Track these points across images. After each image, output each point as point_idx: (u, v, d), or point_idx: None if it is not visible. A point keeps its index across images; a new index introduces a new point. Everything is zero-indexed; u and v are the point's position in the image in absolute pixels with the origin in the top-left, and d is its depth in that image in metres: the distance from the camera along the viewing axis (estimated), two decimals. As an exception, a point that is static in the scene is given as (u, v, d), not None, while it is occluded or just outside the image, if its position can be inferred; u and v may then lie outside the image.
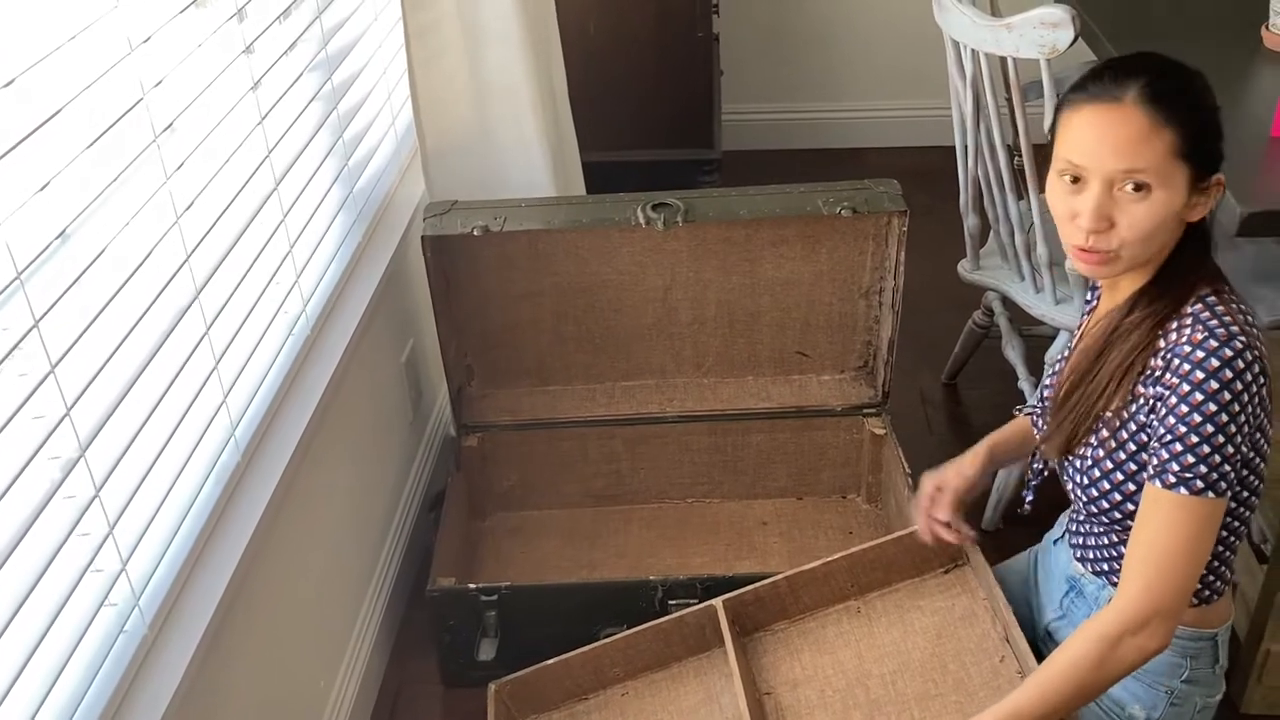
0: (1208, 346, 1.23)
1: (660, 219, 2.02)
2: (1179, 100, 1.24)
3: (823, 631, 1.77)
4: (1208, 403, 1.22)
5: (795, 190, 2.09)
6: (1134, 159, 1.23)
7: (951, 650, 1.67)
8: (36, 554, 1.16)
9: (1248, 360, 1.23)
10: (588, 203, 2.15)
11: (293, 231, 1.80)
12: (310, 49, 1.91)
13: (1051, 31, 1.88)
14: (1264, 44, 2.23)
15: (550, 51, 2.29)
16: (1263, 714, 1.93)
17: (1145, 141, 1.23)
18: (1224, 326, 1.24)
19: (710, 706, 1.74)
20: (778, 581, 1.75)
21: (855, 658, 1.72)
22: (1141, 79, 1.25)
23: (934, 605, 1.73)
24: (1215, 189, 1.27)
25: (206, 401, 1.51)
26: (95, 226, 1.26)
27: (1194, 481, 1.24)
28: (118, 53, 1.32)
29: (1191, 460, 1.23)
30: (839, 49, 3.68)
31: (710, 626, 1.77)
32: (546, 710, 1.84)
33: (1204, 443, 1.23)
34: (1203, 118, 1.26)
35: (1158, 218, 1.25)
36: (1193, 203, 1.27)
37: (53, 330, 1.17)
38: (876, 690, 1.66)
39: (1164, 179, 1.24)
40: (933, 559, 1.75)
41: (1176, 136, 1.23)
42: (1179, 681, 1.41)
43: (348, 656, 1.93)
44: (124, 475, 1.31)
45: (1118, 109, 1.24)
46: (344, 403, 1.93)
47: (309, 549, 1.80)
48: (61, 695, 1.20)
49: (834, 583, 1.77)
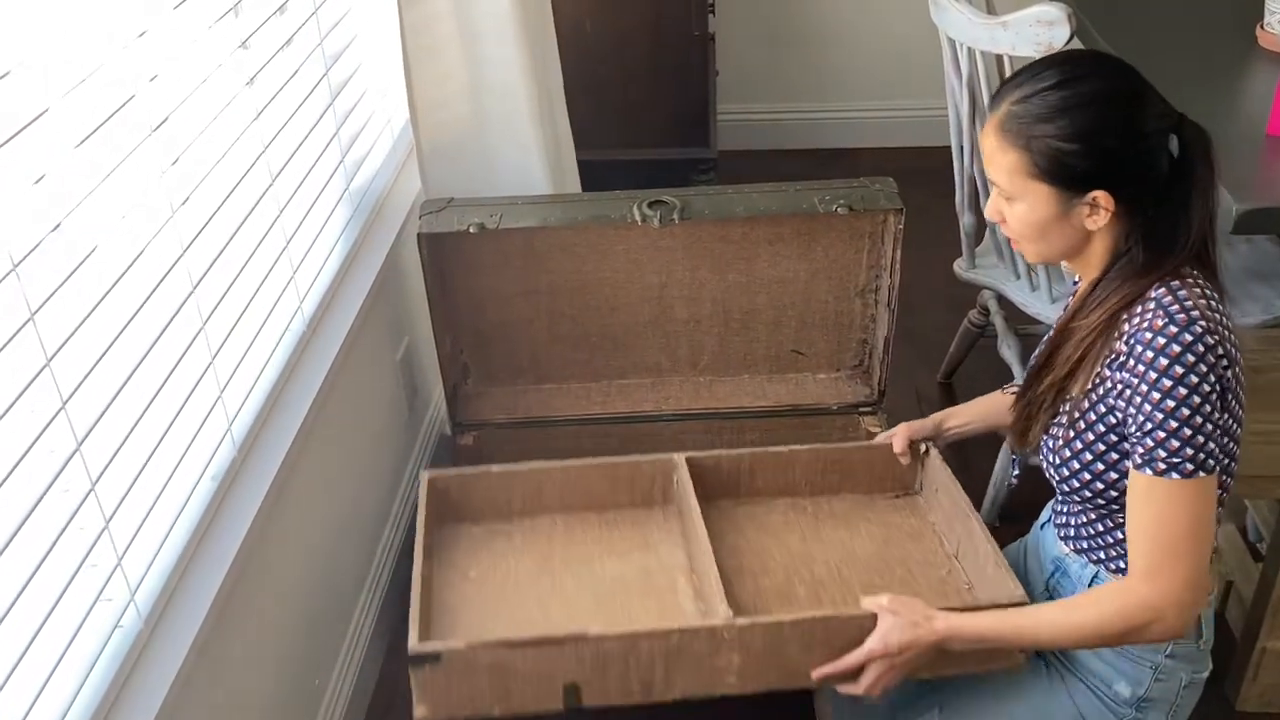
0: (1168, 332, 1.26)
1: (656, 216, 2.02)
2: (1035, 123, 1.30)
3: (769, 517, 1.80)
4: (1177, 387, 1.25)
5: (791, 188, 2.09)
6: (991, 172, 1.36)
7: (898, 557, 1.72)
8: (32, 548, 1.15)
9: (1209, 344, 1.25)
10: (584, 200, 2.15)
11: (288, 228, 1.80)
12: (306, 45, 1.91)
13: (1048, 29, 1.88)
14: (1259, 43, 2.23)
15: (546, 49, 2.28)
16: (1258, 712, 1.93)
17: (993, 160, 1.35)
18: (1184, 311, 1.26)
19: (647, 553, 1.73)
20: (742, 455, 1.80)
21: (801, 543, 1.75)
22: (1014, 96, 1.32)
23: (882, 520, 1.80)
24: (1103, 204, 1.30)
25: (202, 397, 1.51)
26: (91, 221, 1.26)
27: (1183, 465, 1.27)
28: (113, 47, 1.32)
29: (1176, 445, 1.26)
30: (835, 49, 3.68)
31: (663, 479, 1.80)
32: (469, 521, 1.79)
33: (1183, 426, 1.26)
34: (1063, 140, 1.28)
35: (1026, 222, 1.34)
36: (1077, 216, 1.32)
37: (48, 324, 1.17)
38: (821, 572, 1.69)
39: (1020, 193, 1.33)
40: (886, 482, 1.83)
41: (1023, 159, 1.31)
42: (1163, 656, 1.42)
43: (343, 653, 1.93)
44: (120, 470, 1.31)
45: (989, 123, 1.35)
46: (339, 400, 1.92)
47: (304, 545, 1.80)
48: (57, 690, 1.19)
49: (790, 474, 1.83)
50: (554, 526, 1.79)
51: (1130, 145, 1.29)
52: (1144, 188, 1.30)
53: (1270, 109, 1.91)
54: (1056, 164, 1.29)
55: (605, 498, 1.81)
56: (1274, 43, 2.21)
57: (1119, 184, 1.29)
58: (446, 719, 1.47)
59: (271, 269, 1.73)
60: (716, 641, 1.46)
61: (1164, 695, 1.44)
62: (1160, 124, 1.30)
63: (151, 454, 1.38)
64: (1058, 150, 1.29)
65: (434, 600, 1.64)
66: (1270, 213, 1.71)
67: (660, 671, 1.48)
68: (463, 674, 1.45)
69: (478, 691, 1.46)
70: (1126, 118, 1.29)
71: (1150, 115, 1.30)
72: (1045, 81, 1.30)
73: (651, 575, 1.70)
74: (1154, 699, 1.44)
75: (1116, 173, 1.29)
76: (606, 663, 1.46)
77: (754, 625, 1.46)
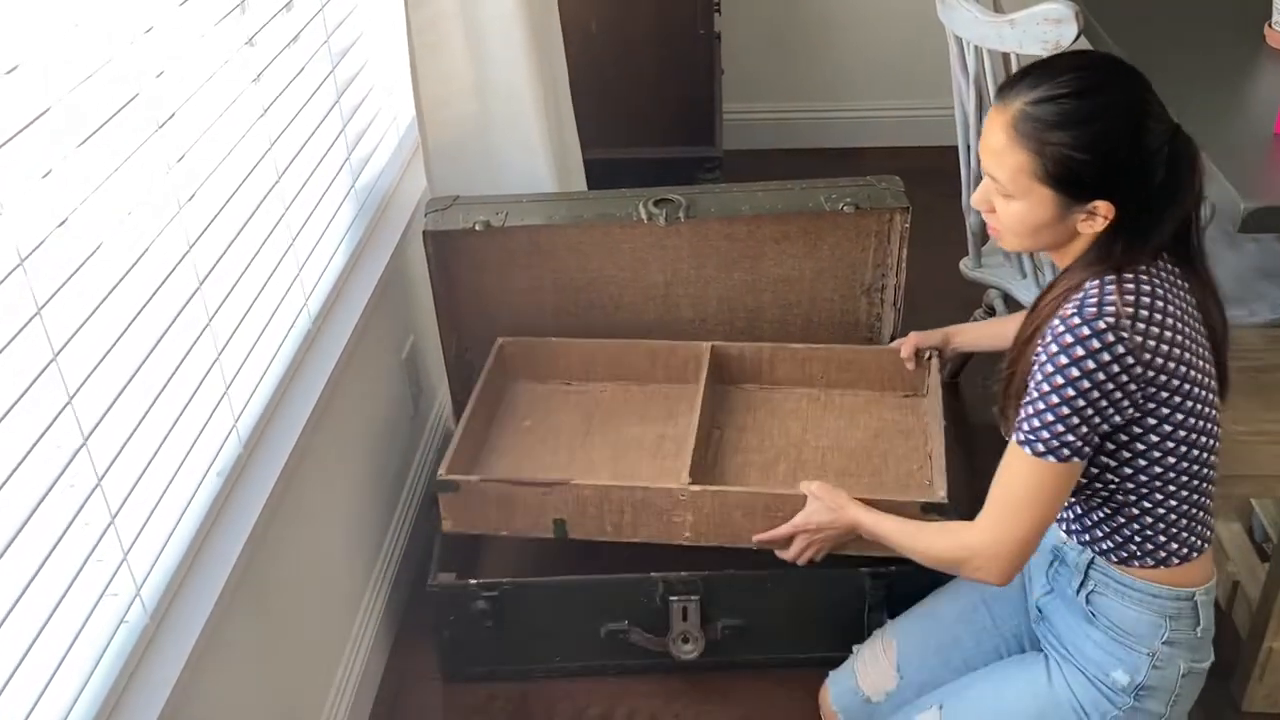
0: (1070, 323, 1.29)
1: (662, 214, 2.02)
2: (1049, 129, 1.30)
3: (782, 403, 2.14)
4: (1057, 374, 1.30)
5: (797, 186, 2.09)
6: (992, 168, 1.36)
7: (881, 449, 2.03)
8: (38, 543, 1.15)
9: (1106, 342, 1.28)
10: (589, 198, 2.15)
11: (294, 225, 1.80)
12: (312, 43, 1.91)
13: (1055, 27, 1.88)
14: (1266, 42, 2.23)
15: (552, 48, 2.28)
16: (1265, 712, 1.93)
17: (999, 157, 1.34)
18: (1098, 307, 1.29)
19: (667, 422, 2.10)
20: (763, 347, 2.15)
21: (800, 429, 2.09)
22: (1032, 95, 1.31)
23: (882, 415, 2.10)
24: (1102, 213, 1.32)
25: (208, 393, 1.51)
26: (97, 216, 1.26)
27: (1036, 444, 1.34)
28: (119, 43, 1.32)
29: (1037, 424, 1.33)
30: (841, 47, 3.68)
31: (694, 362, 2.13)
32: (536, 380, 2.20)
33: (1049, 411, 1.31)
34: (1076, 150, 1.29)
35: (1021, 220, 1.36)
36: (1073, 219, 1.34)
37: (55, 319, 1.17)
38: (807, 455, 2.03)
39: (1021, 193, 1.34)
40: (899, 383, 2.12)
41: (1032, 162, 1.31)
42: (1160, 643, 1.43)
43: (348, 650, 1.93)
44: (125, 466, 1.31)
45: (999, 116, 1.34)
46: (345, 398, 1.92)
47: (310, 542, 1.80)
48: (63, 685, 1.19)
49: (809, 369, 2.15)
50: (602, 392, 2.19)
51: (1137, 158, 1.30)
52: (1140, 195, 1.32)
53: (1277, 108, 1.90)
54: (1066, 171, 1.30)
55: (646, 373, 2.19)
56: (1282, 42, 2.20)
57: (1121, 194, 1.31)
58: (465, 531, 1.92)
59: (277, 266, 1.73)
60: (673, 500, 1.83)
61: (1162, 683, 1.44)
62: (1163, 136, 1.31)
63: (158, 449, 1.38)
64: (1070, 158, 1.29)
65: (490, 440, 2.08)
66: (1277, 211, 1.70)
67: (628, 518, 1.85)
68: (476, 500, 1.88)
69: (488, 515, 1.89)
70: (1138, 130, 1.30)
71: (1156, 128, 1.31)
72: (1064, 87, 1.30)
73: (664, 441, 2.07)
74: (1152, 687, 1.44)
75: (1121, 183, 1.31)
76: (585, 505, 1.85)
77: (704, 491, 1.82)
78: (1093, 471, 1.38)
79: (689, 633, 1.93)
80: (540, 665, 2.01)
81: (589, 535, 1.89)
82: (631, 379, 2.19)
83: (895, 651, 1.69)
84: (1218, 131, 1.89)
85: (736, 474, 1.99)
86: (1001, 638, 1.65)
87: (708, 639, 1.94)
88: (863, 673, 1.73)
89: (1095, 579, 1.46)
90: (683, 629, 1.93)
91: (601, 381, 2.19)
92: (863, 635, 1.85)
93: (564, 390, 2.19)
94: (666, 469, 1.99)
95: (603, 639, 1.96)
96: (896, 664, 1.69)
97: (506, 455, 2.05)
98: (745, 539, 1.83)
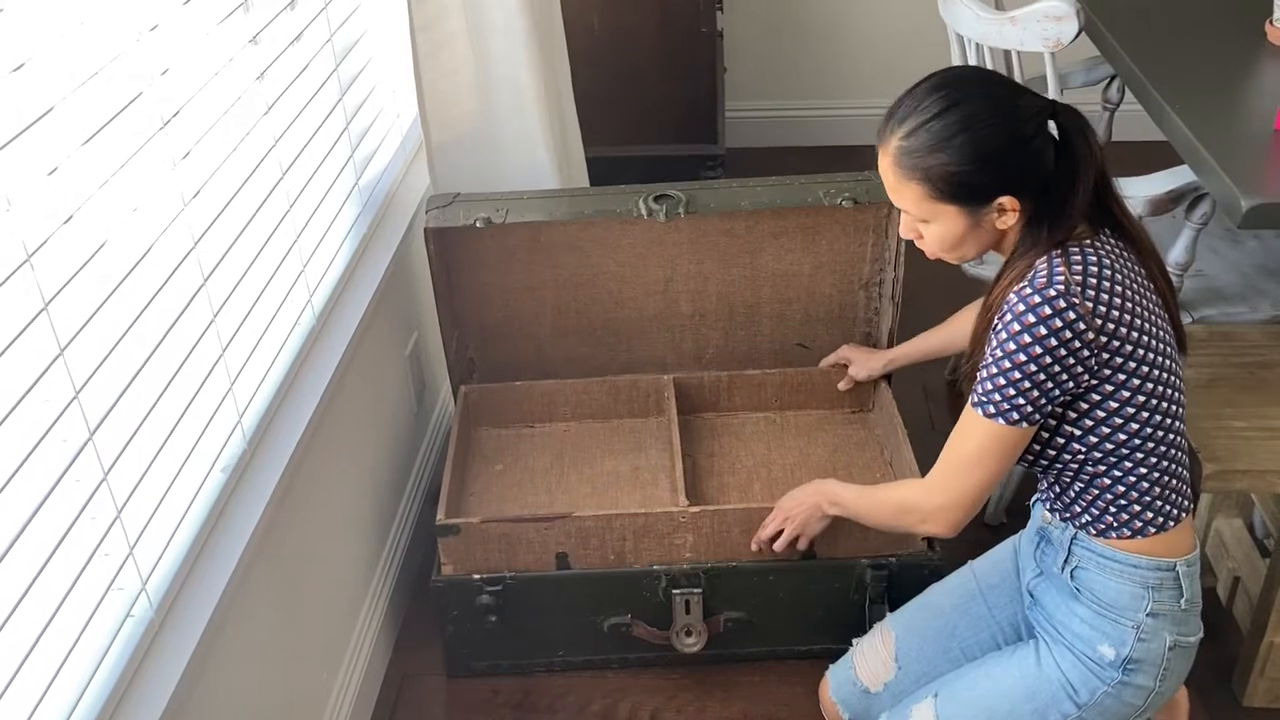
0: (1026, 297, 1.35)
1: (662, 210, 2.03)
2: (926, 154, 1.37)
3: (743, 428, 2.25)
4: (1010, 341, 1.36)
5: (796, 181, 2.10)
6: (897, 202, 1.45)
7: (843, 461, 2.17)
8: (45, 537, 1.16)
9: (1057, 308, 1.33)
10: (589, 195, 2.16)
11: (298, 222, 1.81)
12: (316, 41, 1.92)
13: (1056, 25, 1.89)
14: (1267, 39, 2.23)
15: (554, 46, 2.29)
16: (1266, 706, 1.93)
17: (897, 193, 1.44)
18: (1049, 281, 1.34)
19: (639, 454, 2.18)
20: (720, 376, 2.24)
21: (765, 449, 2.20)
22: (900, 131, 1.39)
23: (837, 431, 2.24)
24: (1010, 207, 1.38)
25: (213, 389, 1.52)
26: (103, 213, 1.27)
27: (987, 406, 1.40)
28: (124, 41, 1.33)
29: (990, 388, 1.39)
30: (843, 46, 3.68)
31: (655, 395, 2.23)
32: (499, 426, 2.24)
33: (1001, 375, 1.37)
34: (957, 164, 1.36)
35: (943, 238, 1.44)
36: (988, 221, 1.40)
37: (62, 314, 1.18)
38: (777, 473, 2.14)
39: (930, 215, 1.42)
40: (847, 401, 2.26)
41: (925, 189, 1.39)
42: (1143, 615, 1.45)
43: (352, 646, 1.94)
44: (131, 461, 1.32)
45: (883, 158, 1.43)
46: (349, 394, 1.93)
47: (314, 538, 1.81)
48: (69, 678, 1.20)
49: (764, 393, 2.26)
50: (566, 431, 2.24)
51: (1018, 149, 1.37)
52: (1037, 178, 1.38)
53: (1278, 105, 1.91)
54: (958, 186, 1.37)
55: (608, 408, 2.25)
56: (1283, 38, 2.20)
57: (1018, 185, 1.38)
58: (466, 575, 1.92)
59: (282, 262, 1.74)
60: (674, 523, 1.89)
61: (1149, 657, 1.46)
62: (1038, 119, 1.38)
63: (163, 445, 1.39)
64: (955, 174, 1.37)
65: (466, 486, 2.11)
66: (1278, 208, 1.71)
67: (630, 544, 1.91)
68: (477, 542, 1.90)
69: (489, 556, 1.91)
70: (1010, 127, 1.36)
71: (1027, 116, 1.37)
72: (927, 112, 1.37)
73: (640, 471, 2.14)
74: (1139, 660, 1.46)
75: (1014, 177, 1.38)
76: (587, 536, 1.90)
77: (703, 512, 1.89)
78: (1059, 442, 1.43)
79: (691, 626, 1.94)
80: (543, 660, 2.02)
81: (591, 566, 1.93)
82: (593, 416, 2.26)
83: (894, 642, 1.70)
84: (1218, 128, 1.89)
85: (716, 496, 2.08)
86: (998, 627, 1.66)
87: (710, 632, 1.95)
88: (861, 664, 1.74)
89: (1078, 554, 1.49)
90: (685, 622, 1.94)
91: (564, 421, 2.25)
92: (864, 627, 1.86)
93: (529, 433, 2.24)
94: (653, 496, 2.08)
95: (605, 633, 1.97)
96: (895, 655, 1.70)
97: (487, 500, 2.09)
98: (743, 554, 1.92)
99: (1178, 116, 1.93)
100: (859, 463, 2.15)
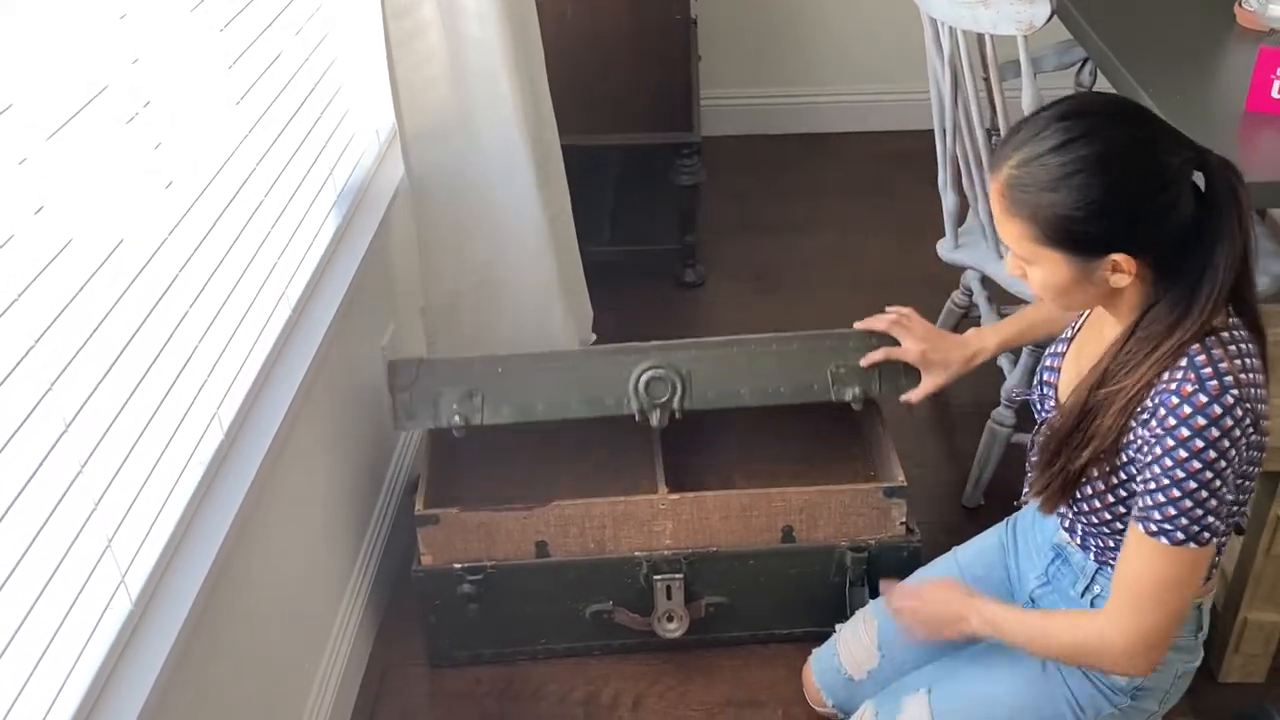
0: (1196, 402, 1.21)
1: (655, 413, 1.90)
2: (1036, 191, 1.22)
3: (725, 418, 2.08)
4: (1192, 460, 1.21)
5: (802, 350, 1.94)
6: (1000, 233, 1.30)
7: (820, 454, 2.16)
8: (21, 530, 1.15)
9: (1237, 416, 1.21)
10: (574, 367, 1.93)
11: (272, 214, 1.80)
12: (287, 29, 1.90)
13: (1028, 7, 1.89)
14: (1237, 21, 2.25)
15: (528, 34, 2.28)
16: (1240, 682, 1.95)
17: (1002, 226, 1.29)
18: (1217, 378, 1.21)
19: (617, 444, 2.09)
20: None
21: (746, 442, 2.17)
22: (1015, 159, 1.24)
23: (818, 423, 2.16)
24: (1124, 268, 1.23)
25: (190, 382, 1.51)
26: (75, 204, 1.26)
27: (1175, 533, 1.25)
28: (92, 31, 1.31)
29: (1174, 513, 1.24)
30: (818, 32, 3.69)
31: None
32: None
33: (1186, 497, 1.23)
34: (1065, 209, 1.21)
35: (1045, 284, 1.29)
36: (1099, 276, 1.25)
37: (35, 307, 1.17)
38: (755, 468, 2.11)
39: (1033, 258, 1.27)
40: None
41: (1030, 228, 1.24)
42: None
43: (334, 636, 1.93)
44: (108, 452, 1.31)
45: (994, 184, 1.28)
46: (326, 385, 1.92)
47: (293, 530, 1.80)
48: (49, 672, 1.19)
49: None
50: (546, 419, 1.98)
51: (1145, 203, 1.20)
52: (1166, 240, 1.22)
53: (1249, 85, 1.92)
54: (1065, 233, 1.22)
55: None
56: (1252, 21, 2.22)
57: (1137, 243, 1.22)
58: (445, 565, 1.92)
59: (255, 255, 1.73)
60: (654, 510, 1.90)
61: (1158, 684, 1.45)
62: (1180, 170, 1.21)
63: (139, 437, 1.38)
64: (1065, 219, 1.22)
65: (445, 476, 2.04)
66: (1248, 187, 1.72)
67: (609, 532, 1.91)
68: (457, 531, 1.90)
69: (469, 545, 1.92)
70: (1140, 176, 1.20)
71: (1167, 164, 1.21)
72: (1046, 143, 1.22)
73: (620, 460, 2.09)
74: (1149, 688, 1.45)
75: (1133, 233, 1.22)
76: (567, 524, 1.90)
77: (683, 499, 1.90)
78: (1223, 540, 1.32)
79: (673, 611, 1.95)
80: (525, 648, 2.02)
81: (570, 554, 1.92)
82: None
83: (876, 630, 1.70)
84: (1191, 108, 1.91)
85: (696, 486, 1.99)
86: None
87: (692, 617, 1.96)
88: (845, 651, 1.74)
89: (1102, 584, 1.44)
90: (667, 608, 1.94)
91: None
92: (845, 610, 1.87)
93: None
94: (633, 485, 2.01)
95: (587, 620, 1.97)
96: (878, 643, 1.70)
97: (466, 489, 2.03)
98: (721, 540, 1.93)
99: (1150, 98, 1.94)
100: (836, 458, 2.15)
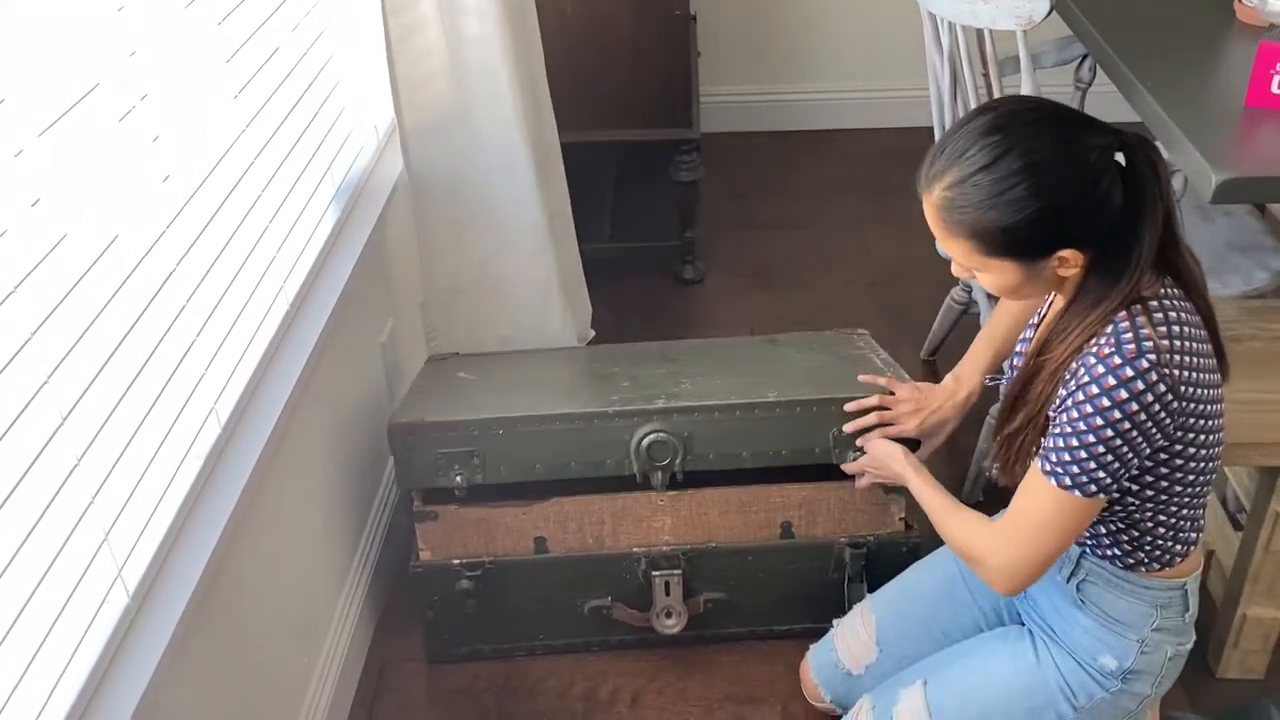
0: (1110, 363, 1.24)
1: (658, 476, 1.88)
2: (973, 210, 1.24)
3: None
4: (1096, 416, 1.25)
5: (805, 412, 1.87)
6: (945, 250, 1.33)
7: None
8: (18, 523, 1.15)
9: (1150, 381, 1.24)
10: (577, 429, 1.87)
11: (271, 208, 1.80)
12: (286, 23, 1.90)
13: (1028, 3, 1.89)
14: (1237, 16, 2.25)
15: (527, 30, 2.28)
16: (1239, 678, 1.95)
17: (944, 243, 1.32)
18: (1136, 343, 1.24)
19: None
20: None
21: None
22: (945, 180, 1.26)
23: None
24: (1071, 260, 1.26)
25: (187, 376, 1.51)
26: (71, 199, 1.25)
27: (1064, 478, 1.30)
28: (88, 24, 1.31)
29: (1067, 459, 1.29)
30: (818, 29, 3.69)
31: None
32: None
33: (1083, 449, 1.27)
34: (1007, 221, 1.23)
35: (998, 286, 1.33)
36: (1047, 271, 1.28)
37: (31, 300, 1.17)
38: None
39: (981, 267, 1.31)
40: None
41: (973, 244, 1.27)
42: (1149, 630, 1.45)
43: (332, 632, 1.93)
44: (105, 446, 1.31)
45: (926, 203, 1.30)
46: (324, 380, 1.92)
47: (291, 525, 1.80)
48: (46, 666, 1.19)
49: None
50: None
51: (1080, 201, 1.23)
52: (1103, 227, 1.25)
53: (1248, 81, 1.92)
54: (1009, 244, 1.25)
55: None
56: (1252, 16, 2.22)
57: (1078, 237, 1.26)
58: (444, 561, 1.92)
59: (254, 248, 1.72)
60: (653, 506, 1.91)
61: (1149, 667, 1.46)
62: (1104, 158, 1.23)
63: (136, 431, 1.37)
64: (1006, 231, 1.24)
65: None
66: (1248, 182, 1.72)
67: (608, 528, 1.92)
68: (455, 527, 1.91)
69: (467, 541, 1.92)
70: (1071, 177, 1.22)
71: (1093, 158, 1.23)
72: (976, 162, 1.23)
73: None
74: (1140, 670, 1.46)
75: (1073, 230, 1.25)
76: (566, 520, 1.91)
77: (682, 495, 1.91)
78: (1115, 496, 1.36)
79: (671, 607, 1.94)
80: (523, 644, 2.02)
81: (569, 550, 1.92)
82: None
83: (874, 625, 1.71)
84: (1190, 104, 1.90)
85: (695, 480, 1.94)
86: (980, 611, 1.66)
87: (690, 613, 1.95)
88: (843, 646, 1.74)
89: (1086, 568, 1.46)
90: (665, 604, 1.94)
91: None
92: (843, 606, 1.87)
93: None
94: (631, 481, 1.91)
95: (586, 616, 1.97)
96: (876, 637, 1.70)
97: None
98: (719, 536, 1.93)
99: (1149, 93, 1.94)
100: None
